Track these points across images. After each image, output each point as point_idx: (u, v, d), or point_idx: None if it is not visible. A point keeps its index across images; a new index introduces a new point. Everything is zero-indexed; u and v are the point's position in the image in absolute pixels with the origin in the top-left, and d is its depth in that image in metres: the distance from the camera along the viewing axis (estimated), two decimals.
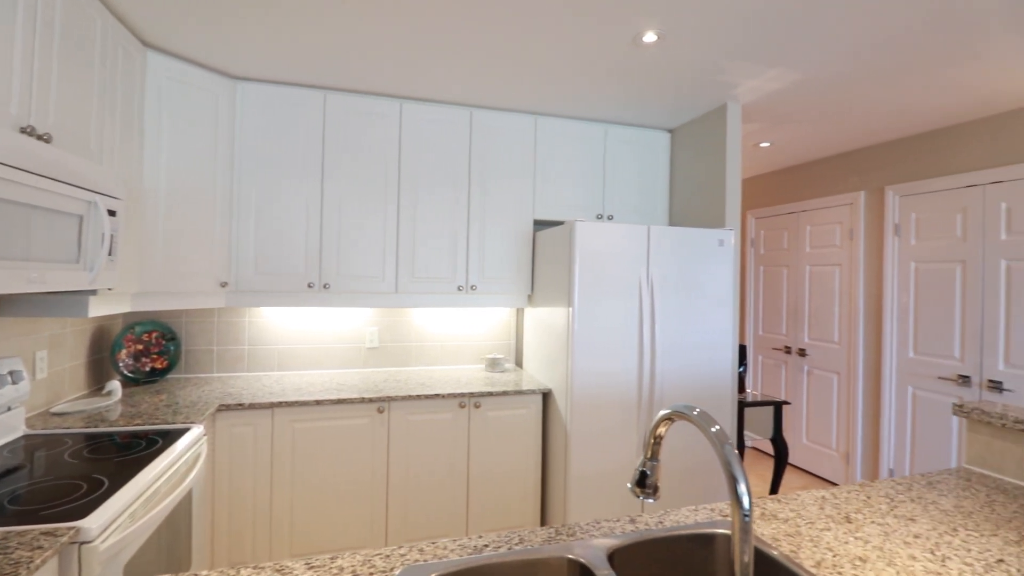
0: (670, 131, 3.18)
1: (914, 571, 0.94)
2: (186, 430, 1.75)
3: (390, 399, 2.31)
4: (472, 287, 2.74)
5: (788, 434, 3.87)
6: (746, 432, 2.85)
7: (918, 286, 3.04)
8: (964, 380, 2.77)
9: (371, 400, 2.28)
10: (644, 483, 0.78)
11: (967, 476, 1.41)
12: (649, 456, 0.78)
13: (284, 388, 2.39)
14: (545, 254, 2.67)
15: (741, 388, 2.80)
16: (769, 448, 4.08)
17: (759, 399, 2.79)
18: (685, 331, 2.44)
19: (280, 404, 2.17)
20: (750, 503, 0.60)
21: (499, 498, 2.47)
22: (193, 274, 2.24)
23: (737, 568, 0.59)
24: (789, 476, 3.66)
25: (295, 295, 2.49)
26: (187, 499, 1.66)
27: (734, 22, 1.88)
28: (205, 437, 1.84)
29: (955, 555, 1.00)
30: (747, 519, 0.60)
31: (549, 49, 2.13)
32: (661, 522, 1.11)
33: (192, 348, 2.65)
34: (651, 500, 0.78)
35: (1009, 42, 1.97)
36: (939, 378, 2.89)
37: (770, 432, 2.80)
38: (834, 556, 0.98)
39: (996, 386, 2.63)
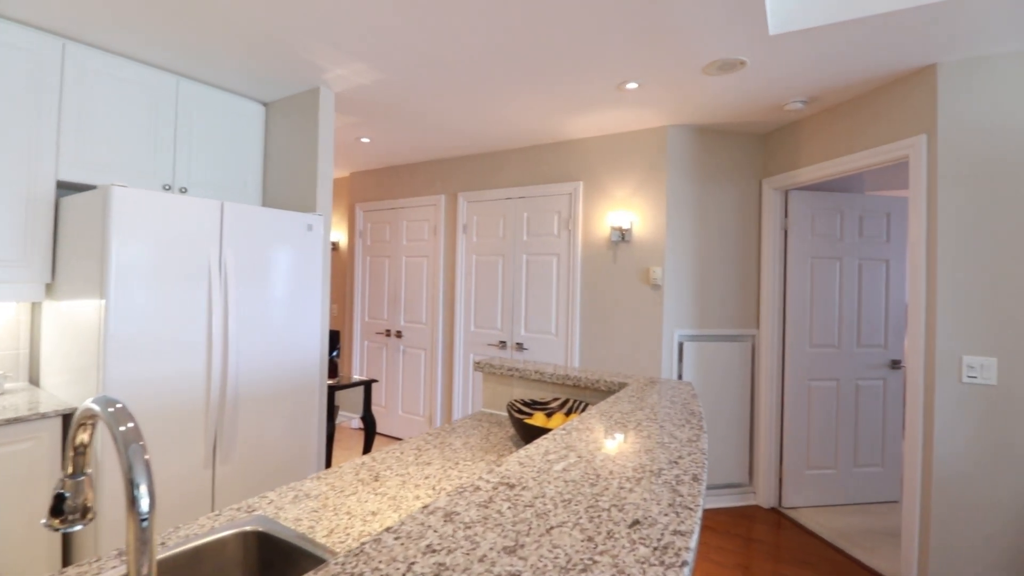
0: (265, 104, 2.93)
1: (413, 509, 1.09)
2: None
3: None
4: None
5: (386, 408, 4.24)
6: (343, 412, 2.93)
7: (477, 274, 3.82)
8: (503, 344, 3.65)
9: None
10: (62, 509, 0.58)
11: (480, 417, 1.80)
12: (70, 472, 0.59)
13: None
14: (73, 229, 2.00)
15: (335, 373, 2.85)
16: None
17: (353, 381, 2.91)
18: (269, 320, 2.27)
19: None
20: (150, 506, 0.51)
21: None
22: None
23: None
24: (387, 447, 4.01)
25: None
26: None
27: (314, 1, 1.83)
28: None
29: (450, 484, 1.22)
30: (145, 524, 0.50)
31: None
32: (163, 543, 0.92)
33: None
34: (78, 527, 0.60)
35: (527, 99, 2.64)
36: (488, 345, 3.72)
37: (361, 411, 2.96)
38: (350, 518, 1.03)
39: (520, 347, 3.57)
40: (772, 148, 3.14)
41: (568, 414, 1.59)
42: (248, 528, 0.98)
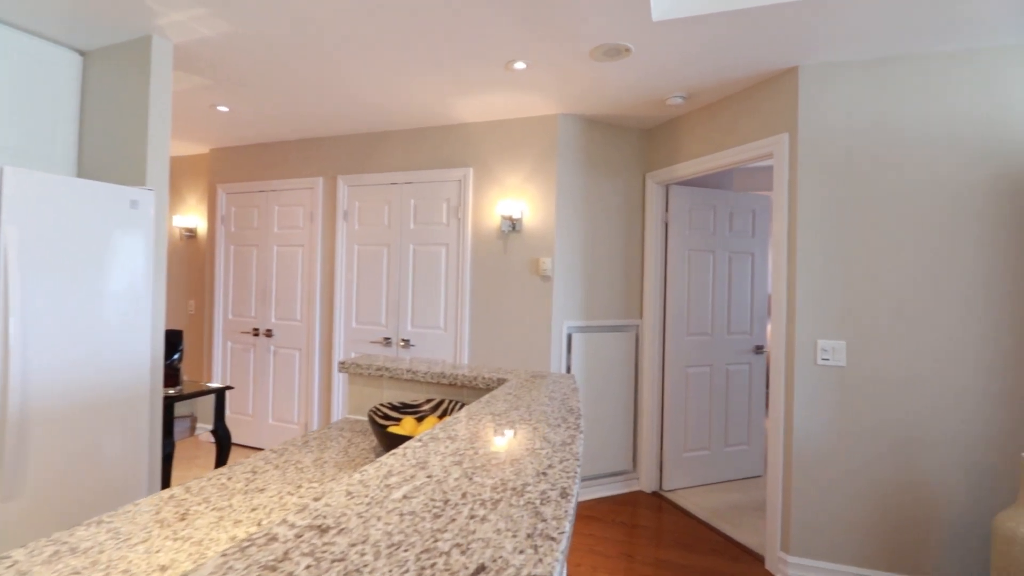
0: (83, 53, 2.38)
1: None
2: None
3: None
4: None
5: (254, 416, 3.77)
6: (202, 424, 2.50)
7: (359, 266, 3.51)
8: (387, 341, 3.39)
9: None
10: None
11: (343, 426, 1.56)
12: None
13: None
14: None
15: (176, 380, 2.40)
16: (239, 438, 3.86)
17: (201, 389, 2.48)
18: (77, 319, 1.82)
19: None
20: None
21: None
22: None
23: None
24: (213, 472, 3.55)
25: None
26: None
27: None
28: None
29: (285, 514, 0.99)
30: None
31: None
32: None
33: None
34: None
35: (410, 73, 2.40)
36: (372, 342, 3.44)
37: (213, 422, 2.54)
38: None
39: (407, 343, 3.34)
40: (655, 143, 3.22)
41: (442, 416, 1.42)
42: None
